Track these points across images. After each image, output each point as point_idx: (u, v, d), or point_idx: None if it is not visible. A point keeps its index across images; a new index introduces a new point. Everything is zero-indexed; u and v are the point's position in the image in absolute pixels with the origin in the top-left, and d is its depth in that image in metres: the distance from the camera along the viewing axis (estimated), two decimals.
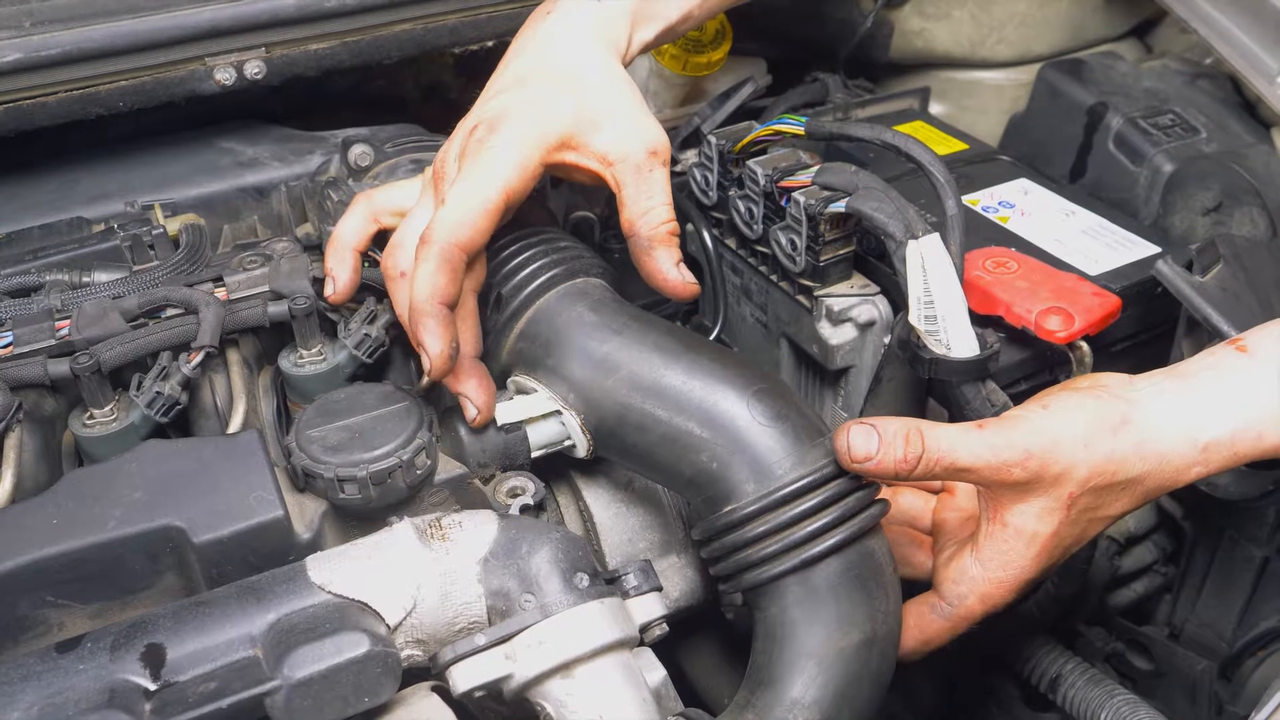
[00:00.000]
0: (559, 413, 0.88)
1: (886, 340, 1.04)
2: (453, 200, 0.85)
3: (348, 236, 0.95)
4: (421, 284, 0.83)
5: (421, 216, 0.89)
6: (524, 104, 0.90)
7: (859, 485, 0.81)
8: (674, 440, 0.82)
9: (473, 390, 0.88)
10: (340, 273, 0.94)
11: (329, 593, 0.73)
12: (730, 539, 0.80)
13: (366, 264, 1.00)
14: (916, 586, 0.89)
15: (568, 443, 0.89)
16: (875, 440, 0.77)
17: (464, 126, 0.92)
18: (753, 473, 0.79)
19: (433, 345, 0.83)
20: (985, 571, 0.82)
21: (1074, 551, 0.84)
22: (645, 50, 1.03)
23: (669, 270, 0.93)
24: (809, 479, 0.78)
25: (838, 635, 0.77)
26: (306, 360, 0.94)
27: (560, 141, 0.90)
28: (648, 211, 0.92)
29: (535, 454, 0.90)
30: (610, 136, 0.91)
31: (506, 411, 0.88)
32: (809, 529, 0.77)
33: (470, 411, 0.88)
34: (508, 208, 0.87)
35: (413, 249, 0.86)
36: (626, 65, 0.98)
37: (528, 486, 0.88)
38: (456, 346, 0.85)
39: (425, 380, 0.88)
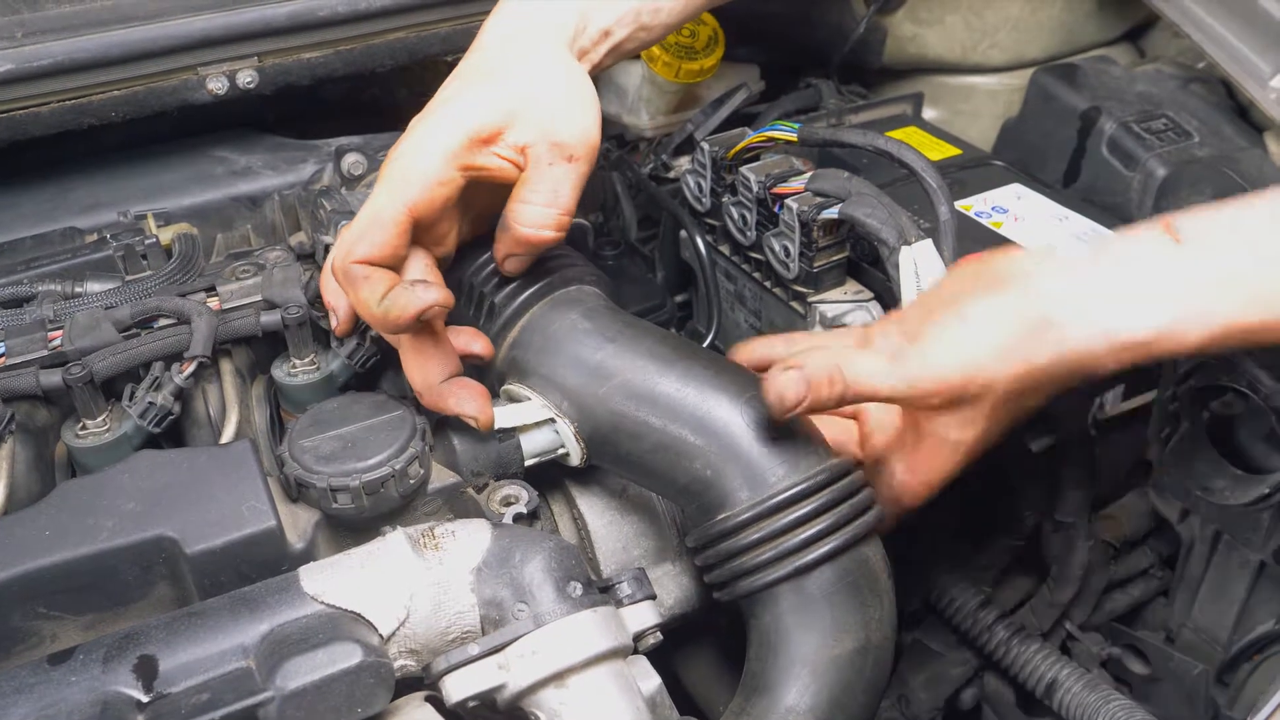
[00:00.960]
0: (552, 421, 0.88)
1: None
2: (359, 216, 0.84)
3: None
4: (325, 287, 0.90)
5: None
6: (436, 106, 0.87)
7: (853, 492, 0.80)
8: (668, 448, 0.82)
9: (464, 404, 0.87)
10: (340, 304, 0.90)
11: (322, 603, 0.72)
12: (724, 546, 0.80)
13: None
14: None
15: (561, 451, 0.89)
16: (805, 387, 0.77)
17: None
18: (746, 480, 0.79)
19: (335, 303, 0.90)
20: (913, 477, 0.85)
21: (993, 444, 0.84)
22: (614, 41, 0.96)
23: (500, 256, 0.91)
24: (803, 486, 0.78)
25: (832, 643, 0.77)
26: (299, 370, 0.94)
27: (469, 140, 0.84)
28: (520, 209, 0.86)
29: (529, 462, 0.90)
30: (524, 130, 0.85)
31: (500, 419, 0.88)
32: (802, 536, 0.77)
33: (471, 423, 0.87)
34: (417, 221, 0.84)
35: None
36: (595, 58, 0.94)
37: (521, 495, 0.88)
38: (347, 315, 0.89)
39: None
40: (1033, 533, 1.16)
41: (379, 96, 1.34)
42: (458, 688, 0.71)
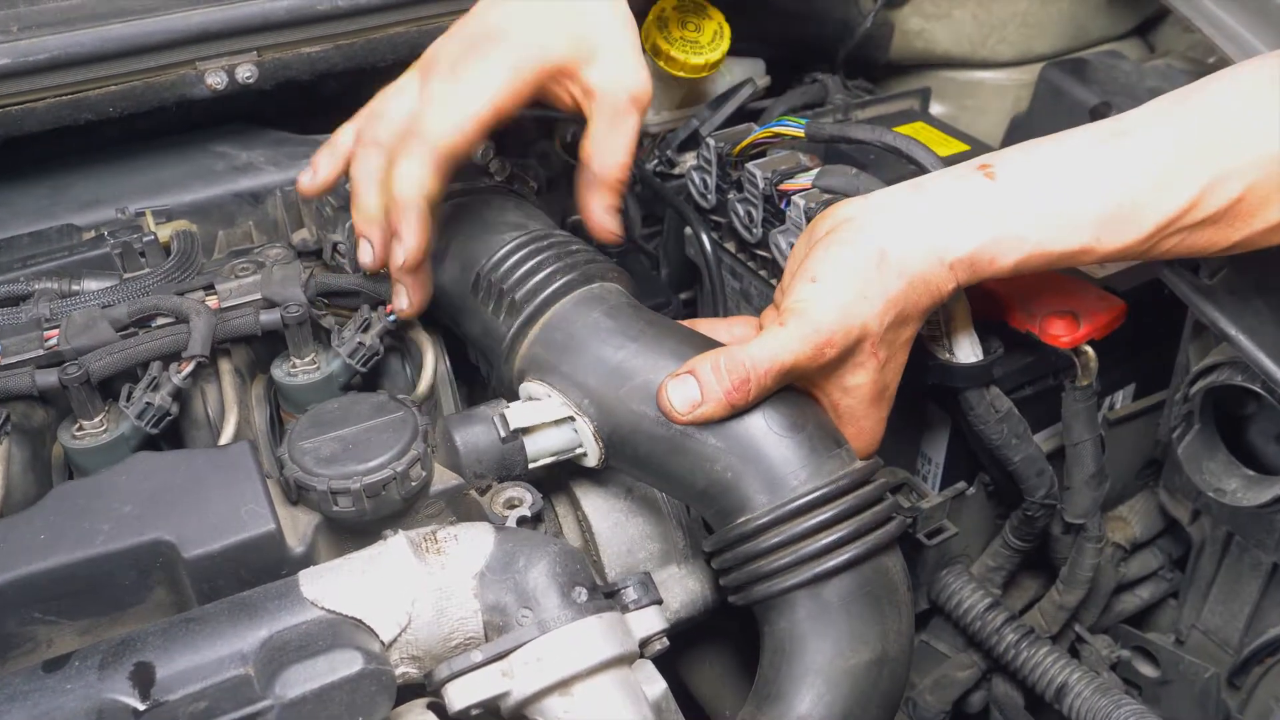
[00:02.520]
0: (572, 419, 0.86)
1: None
2: (447, 103, 0.89)
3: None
4: (409, 178, 0.87)
5: (407, 101, 0.92)
6: (526, 24, 0.92)
7: (876, 499, 0.79)
8: (688, 451, 0.80)
9: (412, 283, 0.91)
10: (323, 166, 0.96)
11: (322, 608, 0.71)
12: (741, 550, 0.78)
13: (364, 273, 0.99)
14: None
15: (579, 450, 0.88)
16: (694, 386, 0.79)
17: (466, 25, 0.94)
18: (766, 484, 0.78)
19: (409, 238, 0.88)
20: (841, 430, 0.86)
21: (899, 378, 0.87)
22: None
23: (599, 212, 0.97)
24: (823, 491, 0.77)
25: (848, 653, 0.75)
26: (299, 369, 0.92)
27: (554, 69, 0.92)
28: (609, 154, 0.95)
29: (546, 461, 0.89)
30: (600, 72, 0.93)
31: (518, 416, 0.87)
32: (822, 543, 0.76)
33: (401, 302, 0.92)
34: (496, 122, 0.91)
35: (394, 122, 0.91)
36: None
37: (525, 497, 0.87)
38: (429, 243, 0.90)
39: (373, 266, 0.92)
40: (1041, 534, 1.15)
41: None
42: (460, 695, 0.70)
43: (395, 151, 0.90)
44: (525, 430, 0.87)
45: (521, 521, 0.85)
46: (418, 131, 0.88)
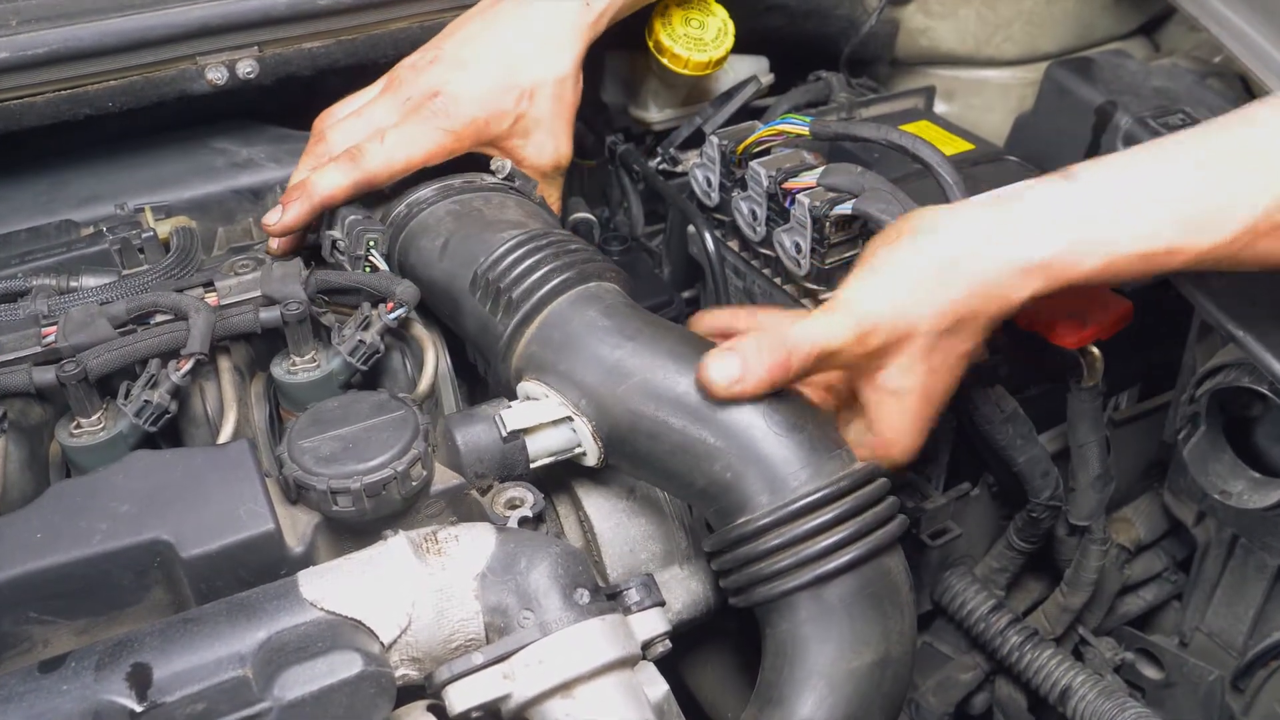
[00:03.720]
0: (570, 419, 0.86)
1: None
2: (387, 145, 1.02)
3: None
4: (327, 182, 1.01)
5: (380, 115, 1.05)
6: (473, 99, 1.04)
7: (876, 499, 0.78)
8: (687, 449, 0.80)
9: (294, 208, 1.01)
10: (292, 211, 1.01)
11: (321, 609, 0.70)
12: (742, 551, 0.77)
13: (365, 265, 0.98)
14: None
15: (578, 450, 0.87)
16: (736, 363, 0.78)
17: (428, 69, 1.05)
18: (767, 484, 0.77)
19: (291, 217, 1.01)
20: (875, 436, 0.85)
21: (948, 396, 0.87)
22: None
23: None
24: (824, 492, 0.76)
25: (850, 655, 0.75)
26: (299, 367, 0.92)
27: (489, 140, 1.07)
28: None
29: (545, 461, 0.88)
30: (531, 146, 1.08)
31: (516, 417, 0.86)
32: (823, 544, 0.75)
33: (272, 215, 1.01)
34: (426, 166, 1.05)
35: (360, 137, 1.03)
36: (598, 28, 1.10)
37: (526, 497, 0.86)
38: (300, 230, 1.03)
39: (276, 224, 1.01)
40: (1046, 536, 1.15)
41: None
42: (461, 698, 0.70)
43: (337, 158, 1.03)
44: (524, 431, 0.87)
45: (523, 522, 0.84)
46: (355, 155, 1.02)
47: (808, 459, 0.77)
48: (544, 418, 0.86)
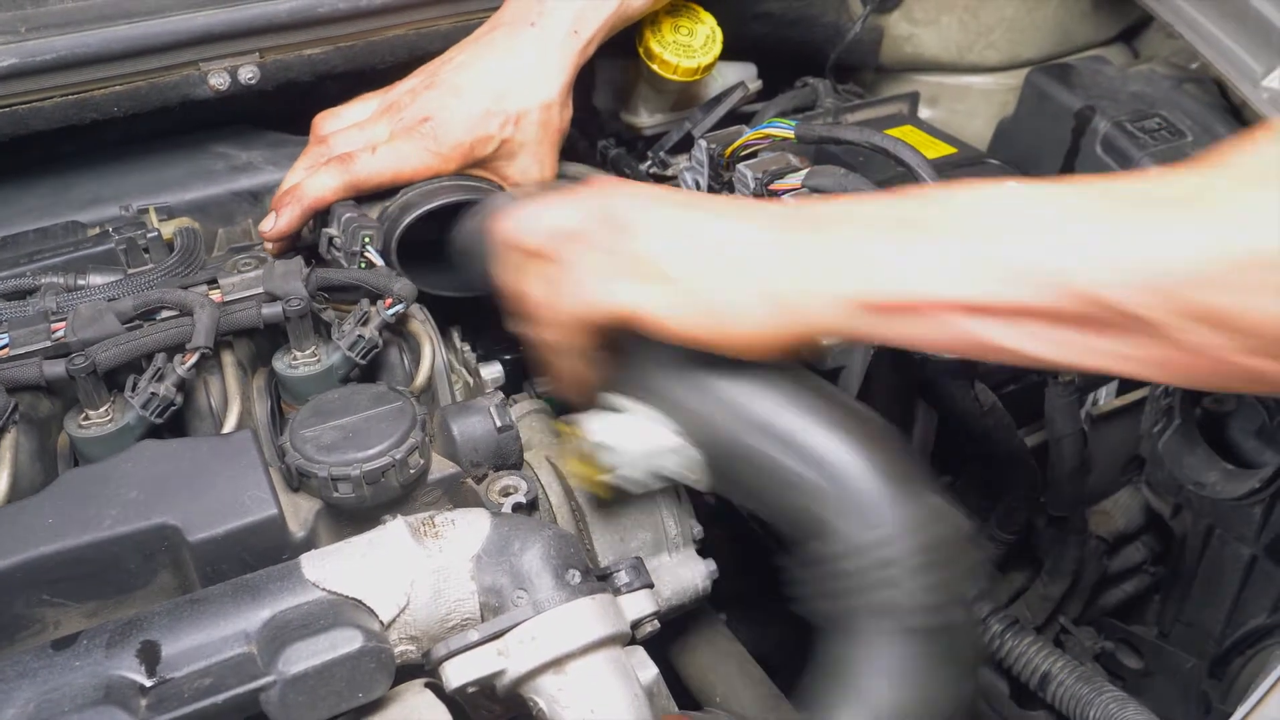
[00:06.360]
0: (685, 446, 0.82)
1: None
2: (377, 157, 1.07)
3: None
4: (318, 186, 1.06)
5: (377, 132, 1.09)
6: (464, 125, 1.08)
7: (950, 541, 0.77)
8: (780, 477, 0.78)
9: (286, 214, 1.05)
10: (285, 217, 1.05)
11: (323, 590, 0.73)
12: (820, 573, 0.77)
13: (361, 261, 1.01)
14: None
15: (694, 478, 0.84)
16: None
17: (425, 92, 1.09)
18: (854, 519, 0.75)
19: (285, 222, 1.06)
20: None
21: None
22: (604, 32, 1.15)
23: None
24: (904, 533, 0.74)
25: (913, 686, 0.75)
26: (300, 362, 0.94)
27: (477, 161, 1.11)
28: None
29: (656, 487, 0.85)
30: (516, 168, 1.12)
31: (622, 436, 0.83)
32: (893, 583, 0.73)
33: (267, 222, 1.06)
34: (409, 182, 1.09)
35: (355, 147, 1.08)
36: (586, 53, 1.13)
37: (520, 485, 0.89)
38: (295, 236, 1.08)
39: (271, 230, 1.06)
40: (1026, 527, 1.17)
41: None
42: (458, 673, 0.72)
43: (328, 162, 1.07)
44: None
45: (517, 508, 0.87)
46: (347, 161, 1.06)
47: (897, 498, 0.76)
48: (662, 444, 0.82)
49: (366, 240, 1.01)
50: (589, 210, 0.80)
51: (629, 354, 0.83)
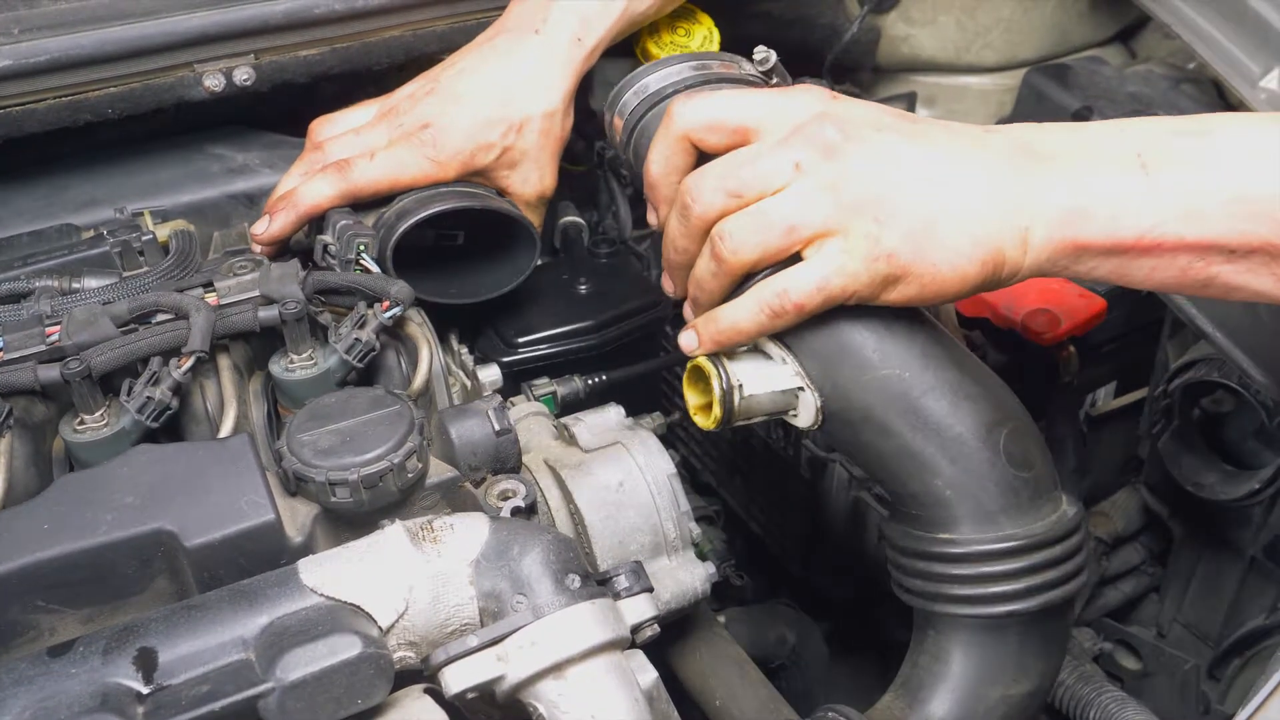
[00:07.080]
0: (800, 390, 0.83)
1: None
2: (375, 164, 1.06)
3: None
4: (314, 192, 1.05)
5: (374, 139, 1.09)
6: (469, 130, 1.08)
7: (1074, 552, 0.79)
8: (912, 456, 0.79)
9: (280, 218, 1.05)
10: (279, 222, 1.05)
11: (321, 595, 0.73)
12: (936, 569, 0.79)
13: (357, 269, 1.01)
14: None
15: (793, 415, 0.85)
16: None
17: (426, 99, 1.09)
18: (981, 515, 0.78)
19: (278, 226, 1.06)
20: None
21: None
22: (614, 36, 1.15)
23: None
24: (1031, 539, 0.77)
25: (1010, 684, 0.78)
26: (297, 365, 0.94)
27: (478, 169, 1.10)
28: None
29: (756, 419, 0.86)
30: (517, 177, 1.12)
31: (752, 379, 0.83)
32: (1015, 588, 0.77)
33: (260, 225, 1.06)
34: (406, 189, 1.09)
35: (353, 153, 1.08)
36: (589, 62, 1.13)
37: (518, 489, 0.88)
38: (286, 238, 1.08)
39: (264, 234, 1.07)
40: None
41: (375, 94, 1.34)
42: (457, 679, 0.71)
43: (325, 169, 1.07)
44: (747, 391, 0.83)
45: (515, 512, 0.86)
46: (344, 168, 1.06)
47: (1027, 502, 0.78)
48: (775, 386, 0.83)
49: (362, 248, 1.01)
50: (803, 121, 0.75)
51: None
